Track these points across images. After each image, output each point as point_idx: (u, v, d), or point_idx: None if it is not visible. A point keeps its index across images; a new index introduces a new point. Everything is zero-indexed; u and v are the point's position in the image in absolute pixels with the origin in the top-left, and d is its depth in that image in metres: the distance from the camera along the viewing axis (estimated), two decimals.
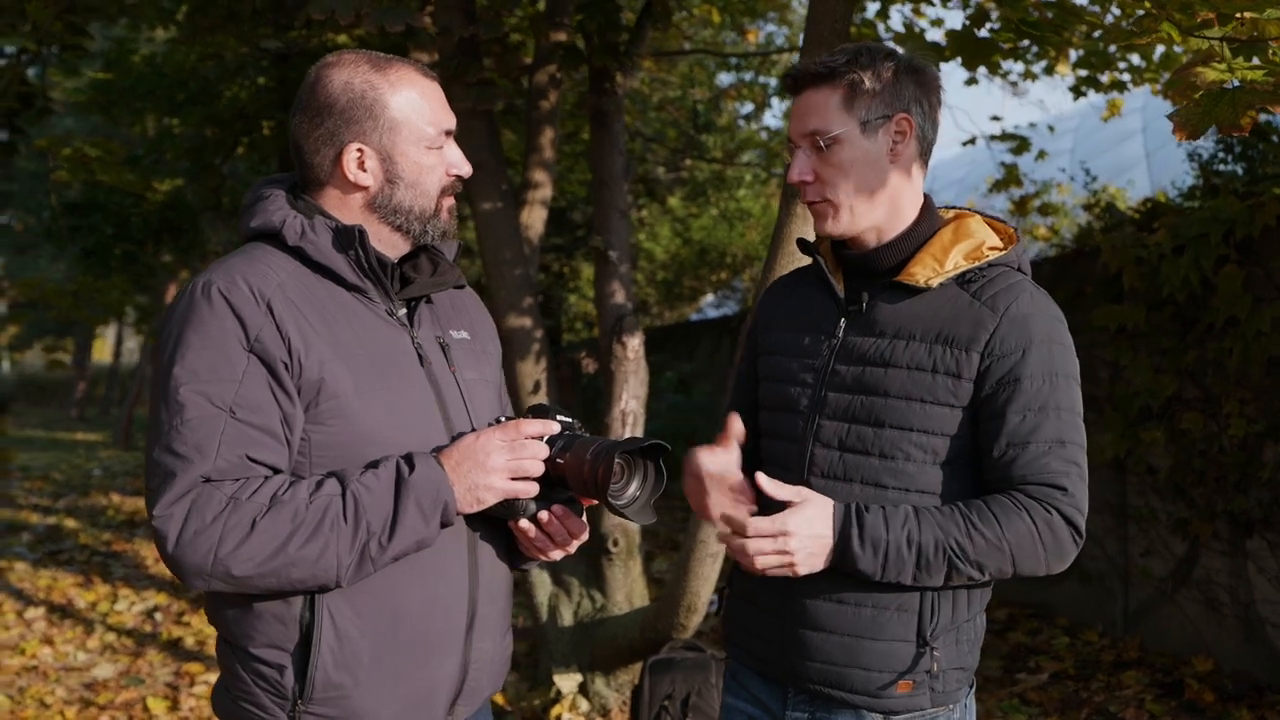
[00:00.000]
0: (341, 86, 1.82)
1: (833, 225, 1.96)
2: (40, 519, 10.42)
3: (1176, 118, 2.28)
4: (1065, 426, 1.84)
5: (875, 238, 1.97)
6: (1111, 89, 5.97)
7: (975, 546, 1.78)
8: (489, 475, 1.75)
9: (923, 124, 1.94)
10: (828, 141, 1.90)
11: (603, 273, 4.97)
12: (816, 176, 1.94)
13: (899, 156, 1.93)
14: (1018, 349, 1.82)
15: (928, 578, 1.80)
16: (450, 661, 1.84)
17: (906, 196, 1.96)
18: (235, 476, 1.65)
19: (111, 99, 8.84)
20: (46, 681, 5.47)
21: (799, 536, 1.78)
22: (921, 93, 1.93)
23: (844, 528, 1.80)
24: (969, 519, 1.79)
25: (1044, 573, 1.86)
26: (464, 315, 2.04)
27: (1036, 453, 1.81)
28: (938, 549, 1.78)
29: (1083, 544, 1.85)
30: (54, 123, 13.91)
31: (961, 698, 1.95)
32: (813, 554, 1.79)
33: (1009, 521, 1.79)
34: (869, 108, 1.89)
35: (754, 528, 1.79)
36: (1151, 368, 5.25)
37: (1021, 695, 4.99)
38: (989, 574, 1.82)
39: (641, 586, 4.91)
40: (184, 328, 1.69)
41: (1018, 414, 1.82)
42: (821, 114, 1.91)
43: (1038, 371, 1.82)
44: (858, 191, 1.92)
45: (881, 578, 1.80)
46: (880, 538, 1.79)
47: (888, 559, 1.79)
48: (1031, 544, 1.80)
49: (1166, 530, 5.36)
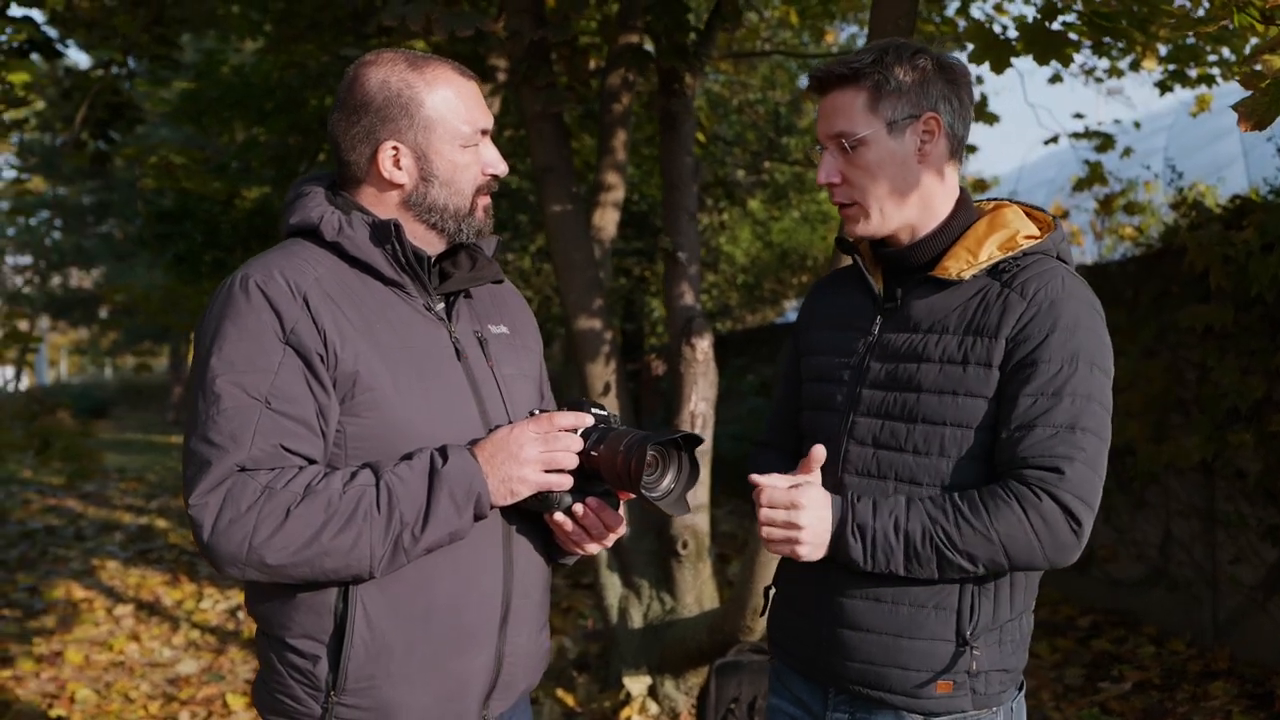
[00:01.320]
0: (378, 85, 1.83)
1: (863, 227, 1.93)
2: (133, 519, 10.73)
3: (1242, 107, 2.20)
4: (1080, 413, 1.76)
5: (909, 236, 1.94)
6: (1200, 83, 5.80)
7: (963, 536, 1.74)
8: (522, 467, 1.75)
9: (952, 121, 1.90)
10: (853, 144, 1.87)
11: (672, 274, 4.96)
12: (844, 179, 1.92)
13: (927, 156, 1.89)
14: (1041, 333, 1.77)
15: (920, 568, 1.77)
16: (484, 655, 1.84)
17: (938, 194, 1.92)
18: (270, 466, 1.67)
19: (201, 109, 9.06)
20: (132, 677, 5.61)
21: (809, 512, 1.79)
22: (950, 89, 1.89)
23: (841, 515, 1.80)
24: (958, 508, 1.76)
25: (1045, 565, 1.79)
26: (504, 310, 2.04)
27: (1040, 436, 1.75)
28: (925, 537, 1.76)
29: (1084, 535, 1.75)
30: (149, 133, 14.32)
31: (1007, 700, 1.89)
32: (818, 533, 1.80)
33: (997, 510, 1.74)
34: (895, 108, 1.86)
35: (769, 497, 1.81)
36: (1239, 369, 5.08)
37: (1103, 704, 4.85)
38: (981, 565, 1.77)
39: (712, 589, 4.88)
40: (221, 320, 1.71)
41: (1030, 396, 1.76)
42: (848, 115, 1.88)
43: (1057, 355, 1.76)
44: (886, 193, 1.89)
45: (872, 567, 1.79)
46: (867, 525, 1.78)
47: (874, 546, 1.78)
48: (1023, 533, 1.73)
49: (1256, 536, 5.18)
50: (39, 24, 5.83)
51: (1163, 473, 5.73)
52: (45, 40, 5.91)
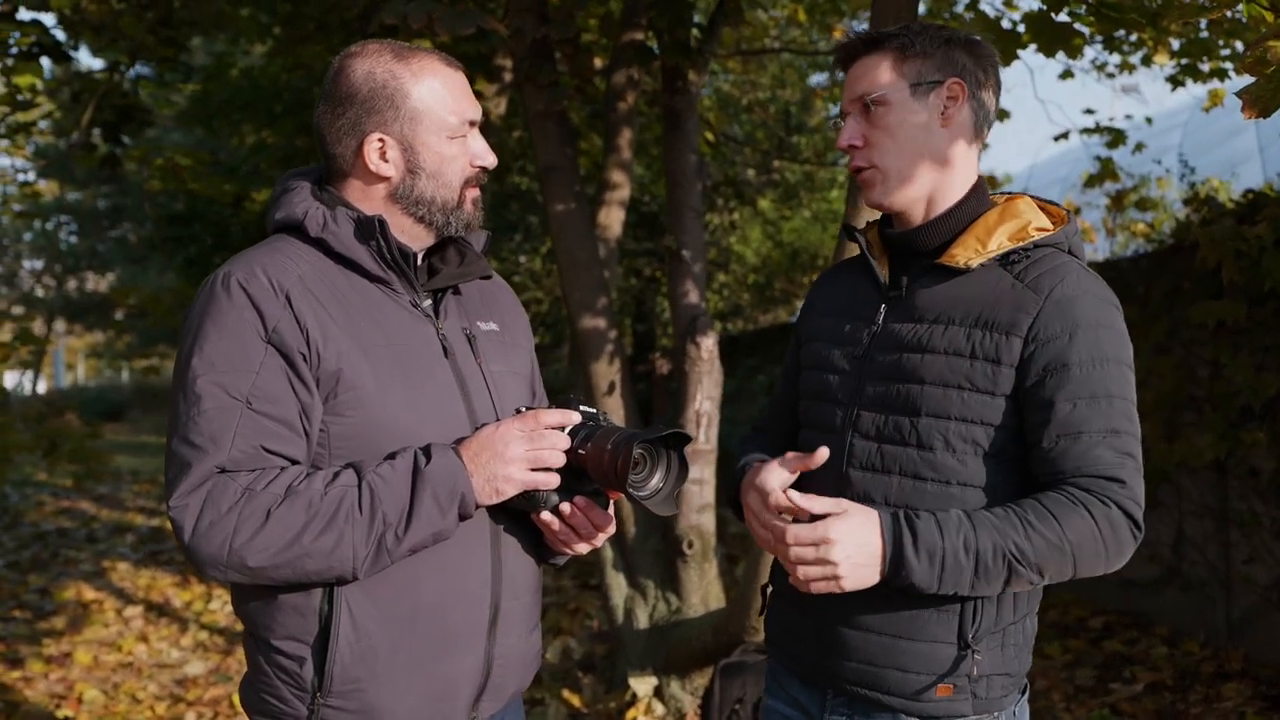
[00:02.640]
0: (363, 76, 1.81)
1: (879, 193, 1.89)
2: (145, 521, 10.75)
3: (1246, 95, 2.16)
4: (1117, 415, 1.72)
5: (921, 213, 1.89)
6: (1213, 78, 5.73)
7: (1035, 548, 1.66)
8: (507, 466, 1.71)
9: (976, 92, 1.86)
10: (876, 101, 1.84)
11: (676, 272, 4.93)
12: (865, 141, 1.88)
13: (950, 121, 1.85)
14: (1063, 333, 1.72)
15: (986, 586, 1.69)
16: (471, 657, 1.81)
17: (957, 169, 1.88)
18: (251, 467, 1.65)
19: (210, 111, 9.08)
20: (140, 677, 5.61)
21: (842, 544, 1.67)
22: (975, 64, 1.86)
23: (896, 536, 1.68)
24: (1025, 520, 1.67)
25: (1103, 571, 1.73)
26: (494, 307, 2.01)
27: (1089, 444, 1.70)
28: (996, 553, 1.66)
29: (1141, 538, 1.73)
30: (161, 136, 14.36)
31: (1008, 705, 1.84)
32: (860, 565, 1.68)
33: (1068, 520, 1.67)
34: (920, 70, 1.83)
35: (794, 535, 1.70)
36: (1253, 366, 5.02)
37: (1114, 706, 4.80)
38: (1049, 576, 1.70)
39: (718, 589, 4.84)
40: (203, 319, 1.69)
41: (1067, 402, 1.71)
42: (871, 77, 1.85)
43: (1086, 357, 1.72)
44: (906, 157, 1.85)
45: (939, 589, 1.68)
46: (935, 545, 1.66)
47: (944, 568, 1.66)
48: (1093, 542, 1.68)
49: (1270, 535, 5.12)
50: (48, 27, 5.84)
51: (1175, 471, 5.67)
52: (54, 43, 5.93)
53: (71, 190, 23.34)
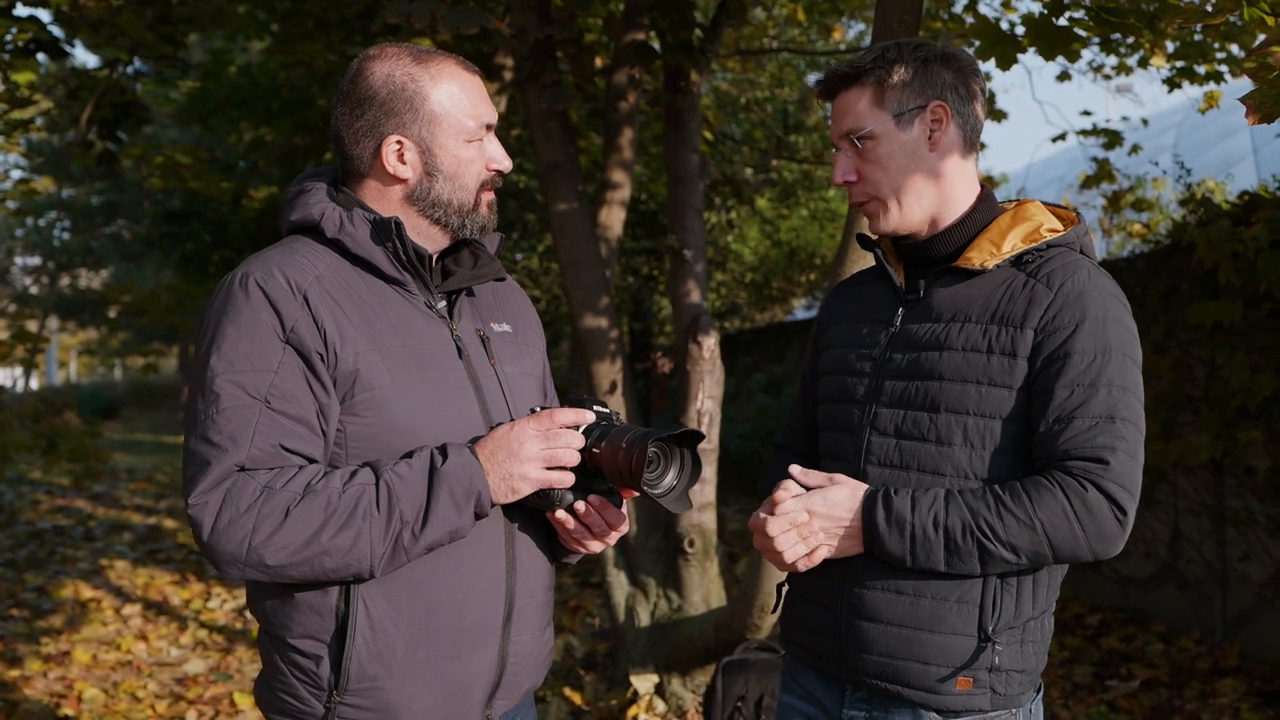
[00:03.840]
0: (383, 79, 1.83)
1: (884, 222, 1.95)
2: (142, 519, 10.74)
3: (1250, 100, 2.18)
4: (1117, 403, 1.75)
5: (930, 229, 1.94)
6: (1209, 80, 5.77)
7: (1005, 526, 1.73)
8: (523, 465, 1.73)
9: (960, 109, 1.91)
10: (863, 139, 1.89)
11: (678, 272, 4.94)
12: (860, 175, 1.93)
13: (939, 144, 1.90)
14: (1070, 324, 1.77)
15: (960, 563, 1.76)
16: (486, 654, 1.83)
17: (957, 183, 1.93)
18: (269, 466, 1.66)
19: (208, 109, 9.06)
20: (140, 676, 5.62)
21: (818, 517, 1.79)
22: (956, 79, 1.91)
23: (868, 509, 1.79)
24: (999, 498, 1.74)
25: (1089, 556, 1.76)
26: (507, 308, 2.03)
27: (1081, 427, 1.74)
28: (966, 531, 1.74)
29: (1128, 525, 1.74)
30: (158, 133, 14.34)
31: (1025, 703, 1.87)
32: (835, 536, 1.81)
33: (1040, 498, 1.72)
34: (900, 100, 1.88)
35: (778, 508, 1.81)
36: (1249, 366, 5.05)
37: (1110, 703, 4.83)
38: (1024, 556, 1.75)
39: (719, 587, 4.87)
40: (221, 319, 1.71)
41: (1066, 389, 1.76)
42: (854, 113, 1.91)
43: (1089, 347, 1.76)
44: (902, 184, 1.91)
45: (912, 562, 1.78)
46: (905, 520, 1.77)
47: (914, 542, 1.76)
48: (1066, 522, 1.72)
49: (1266, 533, 5.16)
50: (45, 23, 5.84)
51: (1171, 470, 5.71)
52: (51, 40, 5.92)
53: (66, 186, 23.29)
